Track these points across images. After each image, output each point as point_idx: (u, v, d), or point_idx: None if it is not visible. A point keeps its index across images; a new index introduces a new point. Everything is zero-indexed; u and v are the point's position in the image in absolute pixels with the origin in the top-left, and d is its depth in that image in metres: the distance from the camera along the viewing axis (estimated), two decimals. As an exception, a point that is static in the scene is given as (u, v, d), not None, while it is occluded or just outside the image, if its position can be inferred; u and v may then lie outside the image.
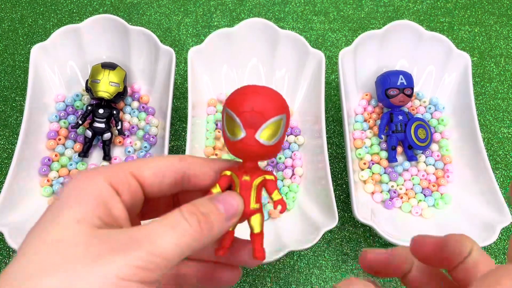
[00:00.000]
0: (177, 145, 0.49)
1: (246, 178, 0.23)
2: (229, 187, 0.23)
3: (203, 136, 0.46)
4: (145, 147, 0.45)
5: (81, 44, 0.46)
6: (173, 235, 0.18)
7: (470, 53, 0.54)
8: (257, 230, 0.23)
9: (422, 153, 0.47)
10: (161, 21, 0.56)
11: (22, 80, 0.52)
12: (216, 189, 0.23)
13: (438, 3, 0.60)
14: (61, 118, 0.46)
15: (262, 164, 0.46)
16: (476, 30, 0.58)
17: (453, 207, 0.44)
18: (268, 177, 0.23)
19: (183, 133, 0.49)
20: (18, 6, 0.57)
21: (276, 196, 0.23)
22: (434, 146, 0.47)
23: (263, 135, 0.21)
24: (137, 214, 0.22)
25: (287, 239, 0.39)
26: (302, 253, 0.44)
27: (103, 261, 0.17)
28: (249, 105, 0.21)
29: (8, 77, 0.52)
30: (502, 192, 0.43)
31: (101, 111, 0.44)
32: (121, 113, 0.47)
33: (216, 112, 0.47)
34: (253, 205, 0.23)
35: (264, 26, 0.45)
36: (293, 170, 0.45)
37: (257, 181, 0.23)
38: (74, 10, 0.57)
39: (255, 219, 0.23)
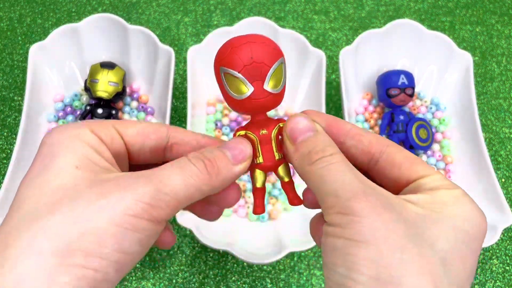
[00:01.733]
0: (177, 145, 0.49)
1: (264, 132, 0.22)
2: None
3: (203, 136, 0.46)
4: (144, 147, 0.45)
5: (80, 43, 0.46)
6: (181, 175, 0.18)
7: (471, 53, 0.54)
8: (287, 179, 0.23)
9: (423, 153, 0.47)
10: (160, 20, 0.56)
11: (20, 80, 0.51)
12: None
13: (439, 2, 0.59)
14: (59, 118, 0.45)
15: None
16: (477, 30, 0.58)
17: (455, 208, 0.44)
18: (282, 124, 0.22)
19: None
20: (17, 5, 0.56)
21: None
22: (435, 146, 0.47)
23: (271, 84, 0.21)
24: None
25: (287, 240, 0.39)
26: (302, 254, 0.43)
27: (111, 198, 0.17)
28: (247, 57, 0.20)
29: (7, 77, 0.52)
30: (503, 193, 0.43)
31: (100, 111, 0.44)
32: (120, 113, 0.46)
33: (216, 112, 0.47)
34: (277, 156, 0.22)
35: (264, 25, 0.45)
36: (293, 170, 0.45)
37: (275, 131, 0.22)
38: (73, 10, 0.56)
39: (282, 169, 0.23)
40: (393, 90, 0.45)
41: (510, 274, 0.45)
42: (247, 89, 0.20)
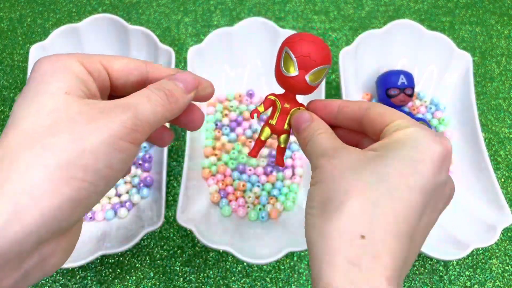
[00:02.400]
0: (177, 145, 0.49)
1: (287, 105, 0.29)
2: (271, 108, 0.30)
3: (203, 136, 0.46)
4: (145, 147, 0.45)
5: (80, 43, 0.46)
6: (149, 104, 0.21)
7: (471, 53, 0.54)
8: (283, 145, 0.30)
9: (423, 153, 0.47)
10: (161, 21, 0.56)
11: (21, 80, 0.52)
12: (261, 108, 0.30)
13: (439, 2, 0.59)
14: (60, 118, 0.45)
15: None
16: (477, 30, 0.58)
17: (454, 208, 0.44)
18: (301, 108, 0.29)
19: (183, 133, 0.49)
20: (17, 5, 0.56)
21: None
22: (435, 146, 0.47)
23: (311, 77, 0.27)
24: None
25: (287, 240, 0.39)
26: (302, 253, 0.43)
27: (99, 122, 0.19)
28: (307, 51, 0.27)
29: (7, 77, 0.52)
30: (503, 193, 0.43)
31: (100, 111, 0.44)
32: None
33: (216, 112, 0.47)
34: (286, 126, 0.29)
35: (264, 25, 0.45)
36: (293, 170, 0.45)
37: (294, 110, 0.29)
38: (73, 10, 0.56)
39: (284, 136, 0.30)
40: (392, 90, 0.45)
41: (509, 274, 0.45)
42: (294, 71, 0.27)
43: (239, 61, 0.48)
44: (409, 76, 0.45)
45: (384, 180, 0.21)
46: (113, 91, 0.24)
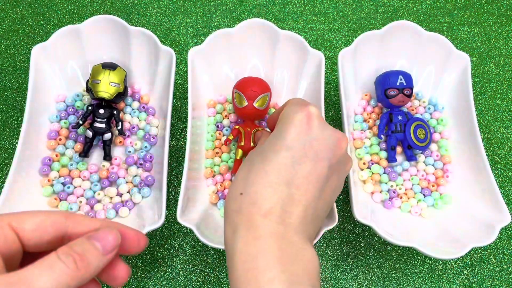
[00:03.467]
0: (177, 145, 0.49)
1: (248, 129, 0.42)
2: (238, 135, 0.43)
3: (204, 137, 0.46)
4: (146, 147, 0.45)
5: (82, 44, 0.46)
6: (50, 276, 0.19)
7: (469, 53, 0.55)
8: None
9: (421, 153, 0.47)
10: (161, 22, 0.56)
11: (22, 80, 0.52)
12: (231, 136, 0.43)
13: (438, 3, 0.60)
14: (61, 118, 0.46)
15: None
16: (475, 31, 0.58)
17: (453, 207, 0.44)
18: (260, 129, 0.42)
19: (183, 133, 0.50)
20: (19, 6, 0.57)
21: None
22: (433, 146, 0.47)
23: (257, 103, 0.41)
24: (18, 265, 0.22)
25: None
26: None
27: None
28: (249, 87, 0.41)
29: (9, 77, 0.52)
30: (501, 192, 0.43)
31: (101, 111, 0.44)
32: (121, 113, 0.47)
33: (216, 113, 0.47)
34: (252, 143, 0.42)
35: (264, 27, 0.46)
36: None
37: (254, 131, 0.42)
38: (75, 11, 0.57)
39: None
40: (391, 91, 0.45)
41: (507, 272, 0.45)
42: (244, 103, 0.42)
43: (239, 62, 0.48)
44: (407, 77, 0.46)
45: (260, 154, 0.29)
46: (27, 250, 0.22)
